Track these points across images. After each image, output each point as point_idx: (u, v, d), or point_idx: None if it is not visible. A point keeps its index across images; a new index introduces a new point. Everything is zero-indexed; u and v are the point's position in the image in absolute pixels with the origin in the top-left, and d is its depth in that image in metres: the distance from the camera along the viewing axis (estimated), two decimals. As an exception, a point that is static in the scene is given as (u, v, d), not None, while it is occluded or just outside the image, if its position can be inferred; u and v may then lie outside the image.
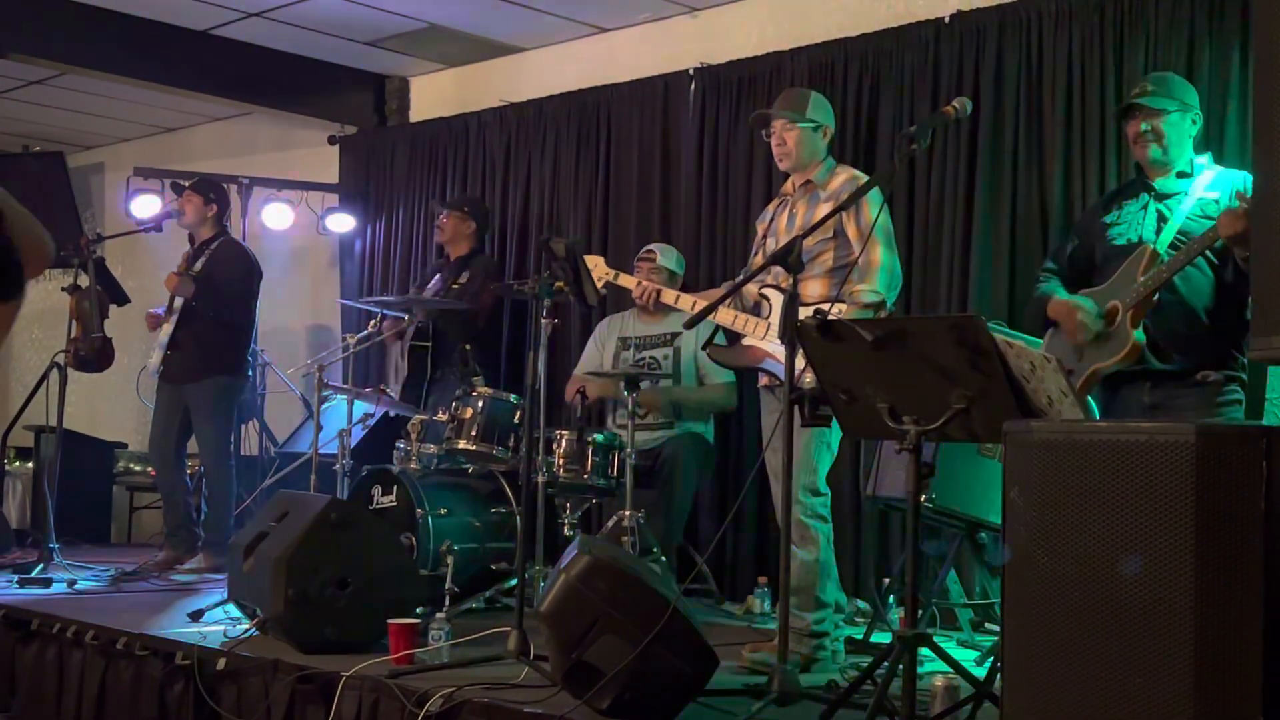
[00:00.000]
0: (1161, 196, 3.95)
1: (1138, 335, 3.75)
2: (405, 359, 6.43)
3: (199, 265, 6.40)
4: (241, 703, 4.08)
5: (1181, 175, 3.96)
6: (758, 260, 4.44)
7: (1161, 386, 3.80)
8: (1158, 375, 3.80)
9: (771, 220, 4.50)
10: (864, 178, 4.26)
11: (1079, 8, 5.19)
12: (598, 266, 4.71)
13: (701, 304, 4.27)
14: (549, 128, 7.05)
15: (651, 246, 5.93)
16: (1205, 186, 3.90)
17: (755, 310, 4.32)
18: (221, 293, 6.33)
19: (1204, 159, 4.01)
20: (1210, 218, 3.79)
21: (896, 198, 5.45)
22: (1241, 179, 3.85)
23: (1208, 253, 3.77)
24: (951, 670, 3.18)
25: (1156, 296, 3.75)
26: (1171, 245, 3.82)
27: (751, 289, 4.32)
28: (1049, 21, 5.27)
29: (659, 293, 4.62)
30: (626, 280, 4.83)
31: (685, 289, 5.30)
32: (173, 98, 8.02)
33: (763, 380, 4.36)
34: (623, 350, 5.89)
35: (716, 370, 5.52)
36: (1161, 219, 3.90)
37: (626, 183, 6.68)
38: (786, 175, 4.53)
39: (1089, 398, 3.83)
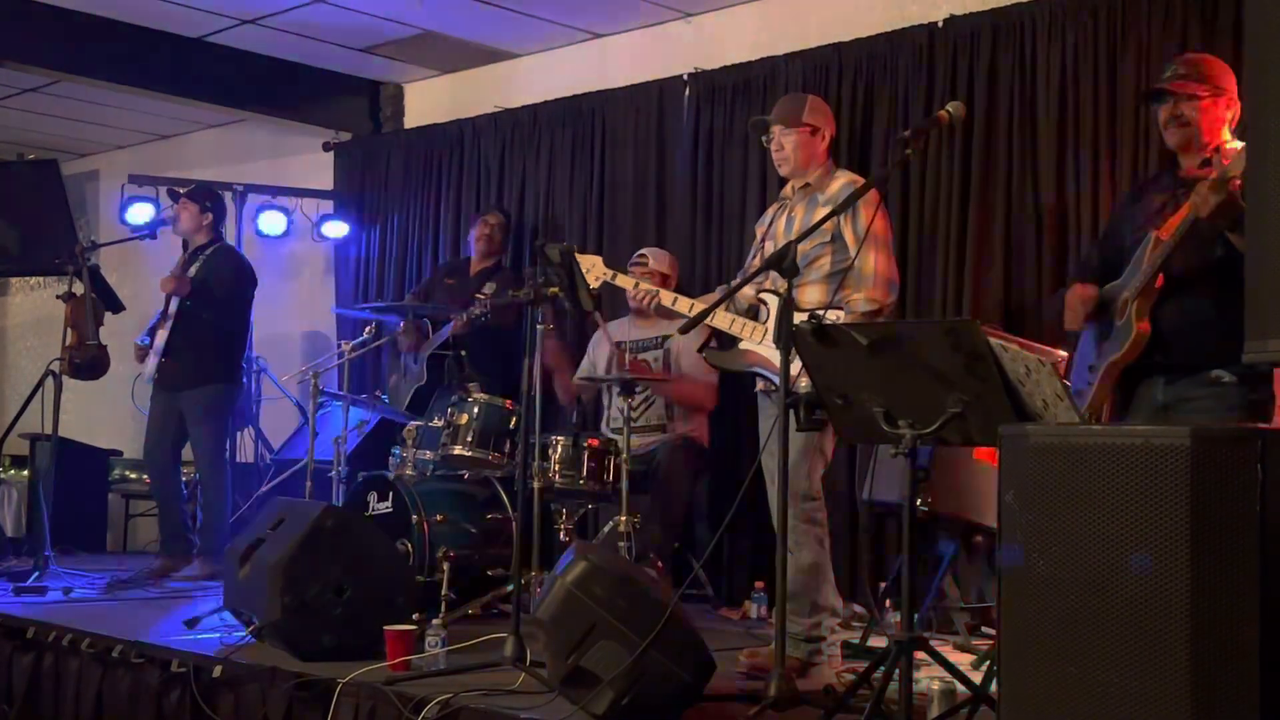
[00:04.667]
0: (1186, 185, 3.80)
1: (1145, 325, 3.65)
2: (423, 366, 6.39)
3: (193, 271, 6.40)
4: (238, 710, 4.07)
5: (1207, 164, 3.71)
6: (755, 264, 4.44)
7: (1175, 384, 3.69)
8: (1170, 370, 3.70)
9: (770, 224, 4.50)
10: (862, 182, 4.26)
11: (1071, 11, 5.20)
12: (595, 266, 4.69)
13: (700, 307, 4.27)
14: (544, 133, 7.05)
15: (644, 251, 5.94)
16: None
17: (752, 314, 4.33)
18: (216, 299, 6.32)
19: (1236, 145, 3.83)
20: None
21: (891, 202, 5.45)
22: None
23: (1216, 237, 3.65)
24: (948, 674, 3.18)
25: (1160, 283, 3.65)
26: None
27: (749, 293, 4.32)
28: (1042, 25, 5.29)
29: (658, 295, 4.60)
30: (624, 280, 4.84)
31: (679, 293, 5.29)
32: (167, 105, 8.02)
33: (759, 384, 4.36)
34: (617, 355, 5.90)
35: (707, 371, 5.51)
36: (1177, 208, 3.78)
37: (621, 188, 6.69)
38: (783, 180, 4.53)
39: None
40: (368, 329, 6.33)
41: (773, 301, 4.23)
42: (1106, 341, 3.77)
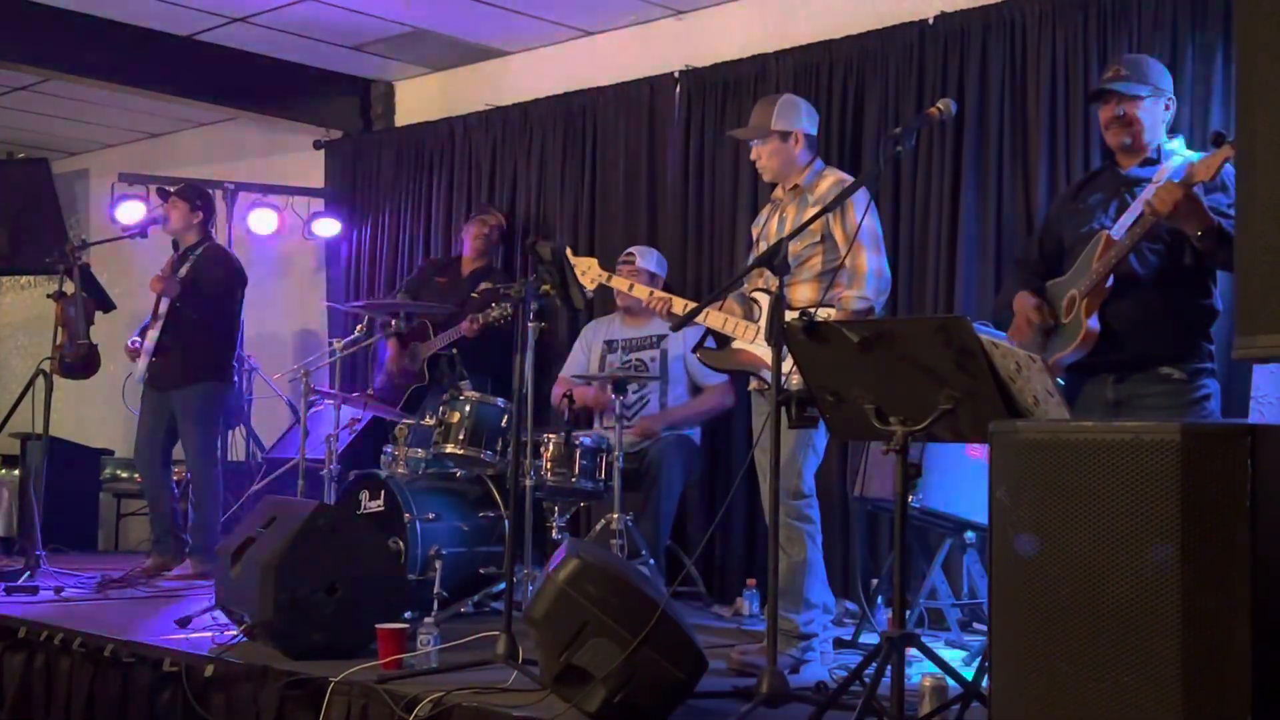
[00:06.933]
0: (1128, 183, 3.86)
1: (1092, 323, 3.67)
2: (423, 366, 6.35)
3: (184, 270, 6.39)
4: (230, 709, 4.07)
5: (1148, 162, 3.82)
6: (750, 265, 4.45)
7: (1125, 381, 3.72)
8: (1120, 368, 3.73)
9: (764, 225, 4.51)
10: (850, 181, 4.26)
11: (1062, 9, 5.20)
12: (591, 269, 4.70)
13: (717, 319, 4.28)
14: (534, 131, 7.05)
15: (631, 249, 5.94)
16: (1170, 173, 3.84)
17: (746, 314, 4.33)
18: (206, 299, 6.32)
19: (1175, 144, 3.87)
20: None
21: (882, 200, 5.46)
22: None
23: (1165, 236, 3.70)
24: (940, 670, 3.19)
25: (1110, 283, 3.68)
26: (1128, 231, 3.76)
27: (746, 293, 4.34)
28: (1033, 22, 5.29)
29: (670, 303, 4.59)
30: (619, 282, 4.83)
31: (670, 291, 5.29)
32: (157, 103, 8.00)
33: (753, 384, 4.37)
34: (609, 353, 5.90)
35: (708, 371, 5.51)
36: (1124, 206, 3.83)
37: (612, 185, 6.69)
38: (774, 179, 4.54)
39: None
40: (359, 327, 6.33)
41: (764, 300, 4.24)
42: (1051, 337, 3.78)
